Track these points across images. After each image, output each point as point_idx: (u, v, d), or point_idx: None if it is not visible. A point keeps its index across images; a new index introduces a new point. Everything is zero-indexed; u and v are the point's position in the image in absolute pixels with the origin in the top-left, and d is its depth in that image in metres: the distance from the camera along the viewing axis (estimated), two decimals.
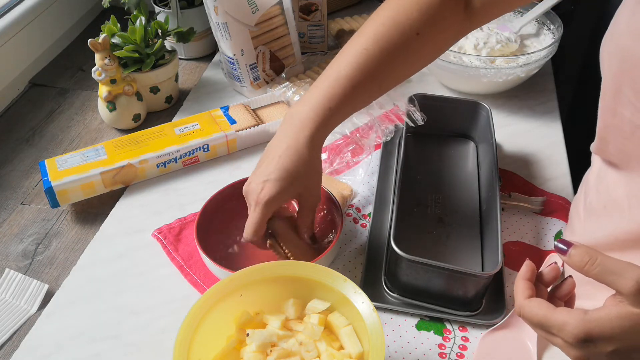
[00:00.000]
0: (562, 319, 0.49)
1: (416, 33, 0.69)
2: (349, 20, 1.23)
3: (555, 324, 0.49)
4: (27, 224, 0.86)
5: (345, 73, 0.69)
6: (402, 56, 0.70)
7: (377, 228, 0.81)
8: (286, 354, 0.60)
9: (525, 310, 0.52)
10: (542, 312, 0.51)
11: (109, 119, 1.00)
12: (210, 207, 0.79)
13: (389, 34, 0.69)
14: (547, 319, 0.50)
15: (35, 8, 1.15)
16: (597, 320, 0.48)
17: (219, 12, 0.97)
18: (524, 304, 0.52)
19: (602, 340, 0.48)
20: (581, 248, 0.50)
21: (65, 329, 0.70)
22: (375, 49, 0.69)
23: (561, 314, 0.49)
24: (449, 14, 0.69)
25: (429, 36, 0.69)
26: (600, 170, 0.69)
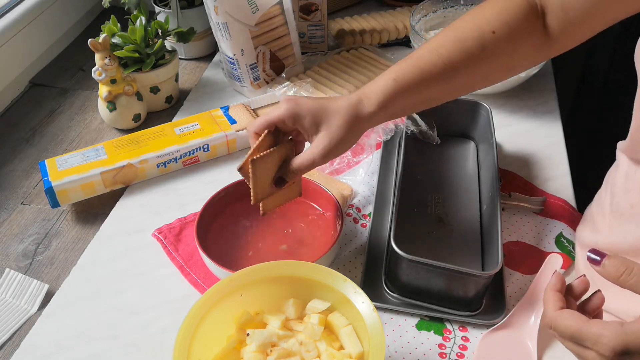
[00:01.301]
0: (597, 331, 0.47)
1: (492, 31, 0.67)
2: (349, 20, 1.23)
3: (590, 337, 0.48)
4: (27, 224, 0.86)
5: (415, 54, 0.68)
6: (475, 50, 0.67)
7: (377, 228, 0.81)
8: (286, 354, 0.60)
9: (558, 322, 0.50)
10: (576, 324, 0.49)
11: (109, 119, 1.00)
12: (211, 207, 0.79)
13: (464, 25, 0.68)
14: (580, 331, 0.48)
15: (36, 8, 1.15)
16: (635, 332, 0.46)
17: (219, 12, 0.97)
18: (555, 315, 0.51)
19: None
20: (616, 258, 0.49)
21: (65, 329, 0.70)
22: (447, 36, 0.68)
23: (596, 325, 0.48)
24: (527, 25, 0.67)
25: (505, 38, 0.67)
26: (629, 170, 0.68)
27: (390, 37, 1.20)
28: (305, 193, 0.82)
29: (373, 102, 0.67)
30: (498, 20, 0.67)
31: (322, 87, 1.03)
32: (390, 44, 1.20)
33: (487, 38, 0.67)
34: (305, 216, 0.81)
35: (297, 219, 0.81)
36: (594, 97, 1.37)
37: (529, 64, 0.72)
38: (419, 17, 1.11)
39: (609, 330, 0.47)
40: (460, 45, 0.67)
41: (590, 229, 0.75)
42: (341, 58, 1.12)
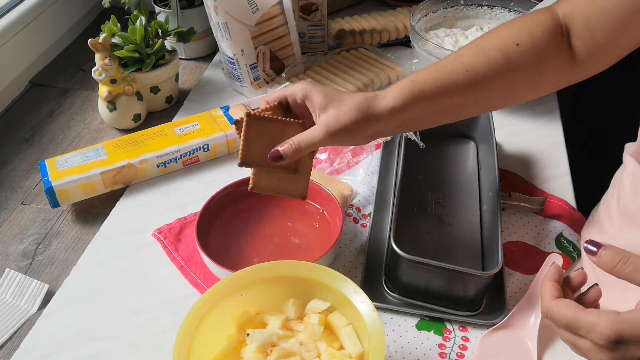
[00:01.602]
0: (592, 320, 0.48)
1: (516, 43, 0.66)
2: (349, 20, 1.23)
3: (584, 325, 0.48)
4: (27, 224, 0.86)
5: (437, 63, 0.68)
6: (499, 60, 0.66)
7: (377, 228, 0.81)
8: (286, 354, 0.60)
9: (554, 311, 0.51)
10: (571, 312, 0.49)
11: (109, 118, 1.00)
12: (211, 207, 0.79)
13: (487, 37, 0.68)
14: (576, 320, 0.49)
15: (36, 8, 1.15)
16: (631, 321, 0.46)
17: (219, 12, 0.97)
18: (551, 304, 0.51)
19: (634, 343, 0.46)
20: (612, 249, 0.49)
21: (65, 328, 0.70)
22: (470, 48, 0.67)
23: (592, 314, 0.48)
24: (552, 42, 0.66)
25: (529, 52, 0.66)
26: (635, 173, 0.68)
27: (390, 37, 1.20)
28: None
29: (388, 99, 0.65)
30: (522, 34, 0.66)
31: None
32: (390, 44, 1.20)
33: (510, 50, 0.66)
34: (305, 216, 0.81)
35: (297, 218, 0.81)
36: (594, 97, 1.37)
37: (553, 85, 0.70)
38: (419, 17, 1.11)
39: (604, 318, 0.47)
40: (483, 55, 0.66)
41: (597, 231, 0.75)
42: (341, 58, 1.12)
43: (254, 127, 0.65)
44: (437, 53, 1.01)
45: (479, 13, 1.17)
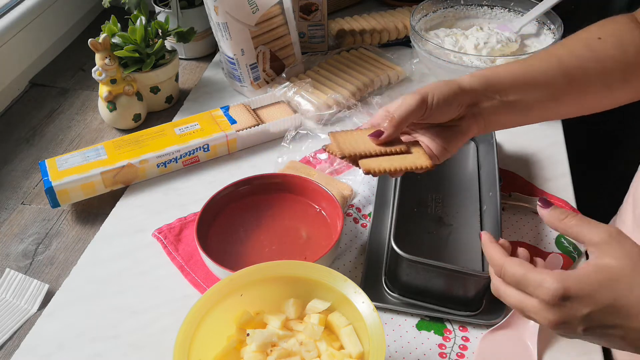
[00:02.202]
0: (541, 277, 0.49)
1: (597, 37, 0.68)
2: (349, 20, 1.23)
3: (533, 282, 0.49)
4: (27, 224, 0.86)
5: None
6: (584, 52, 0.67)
7: (377, 228, 0.81)
8: (286, 353, 0.60)
9: (507, 268, 0.52)
10: (523, 269, 0.50)
11: (109, 118, 1.00)
12: (211, 207, 0.79)
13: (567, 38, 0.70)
14: (526, 277, 0.50)
15: (36, 8, 1.15)
16: (576, 276, 0.48)
17: (219, 12, 0.97)
18: (506, 260, 0.52)
19: (579, 299, 0.47)
20: (560, 208, 0.53)
21: (65, 328, 0.70)
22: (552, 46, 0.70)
23: (541, 272, 0.49)
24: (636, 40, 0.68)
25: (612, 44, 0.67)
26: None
27: (390, 37, 1.20)
28: (306, 193, 0.82)
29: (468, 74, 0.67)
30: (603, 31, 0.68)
31: (322, 87, 1.03)
32: (390, 44, 1.20)
33: (593, 42, 0.68)
34: (305, 216, 0.81)
35: (297, 219, 0.81)
36: None
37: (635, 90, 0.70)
38: (419, 17, 1.11)
39: (551, 275, 0.48)
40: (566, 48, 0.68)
41: None
42: (341, 58, 1.12)
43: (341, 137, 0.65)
44: (437, 53, 1.01)
45: (479, 13, 1.17)
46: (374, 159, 0.62)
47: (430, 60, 1.03)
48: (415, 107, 0.63)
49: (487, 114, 0.67)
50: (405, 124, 0.65)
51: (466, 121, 0.67)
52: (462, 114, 0.67)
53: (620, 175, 1.14)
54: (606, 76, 0.68)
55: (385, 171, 0.59)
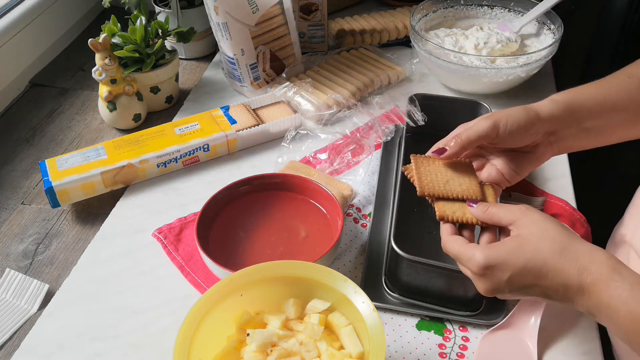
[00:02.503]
0: (471, 251, 0.57)
1: None
2: (349, 20, 1.23)
3: (465, 256, 0.57)
4: (27, 224, 0.86)
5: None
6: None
7: (377, 228, 0.81)
8: (286, 353, 0.60)
9: (447, 246, 0.60)
10: (458, 246, 0.58)
11: (109, 118, 1.00)
12: (211, 207, 0.79)
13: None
14: (460, 252, 0.58)
15: (36, 8, 1.15)
16: (495, 247, 0.56)
17: (219, 12, 0.97)
18: (446, 239, 0.60)
19: (498, 266, 0.55)
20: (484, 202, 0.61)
21: (65, 328, 0.70)
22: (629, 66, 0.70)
23: (470, 248, 0.57)
24: None
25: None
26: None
27: (390, 37, 1.20)
28: (306, 193, 0.82)
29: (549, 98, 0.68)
30: None
31: (322, 87, 1.03)
32: (390, 44, 1.20)
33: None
34: (305, 216, 0.81)
35: (297, 218, 0.81)
36: None
37: None
38: (419, 17, 1.11)
39: (479, 249, 0.56)
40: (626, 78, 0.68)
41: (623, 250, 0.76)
42: (341, 58, 1.12)
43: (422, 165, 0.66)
44: (437, 53, 1.01)
45: (479, 13, 1.17)
46: (449, 203, 0.63)
47: (430, 60, 1.03)
48: (484, 132, 0.65)
49: (563, 140, 0.68)
50: (472, 146, 0.66)
51: (541, 148, 0.68)
52: (537, 142, 0.68)
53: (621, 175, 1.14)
54: None
55: (458, 221, 0.62)
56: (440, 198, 0.64)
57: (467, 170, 0.66)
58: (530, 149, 0.68)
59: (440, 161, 0.66)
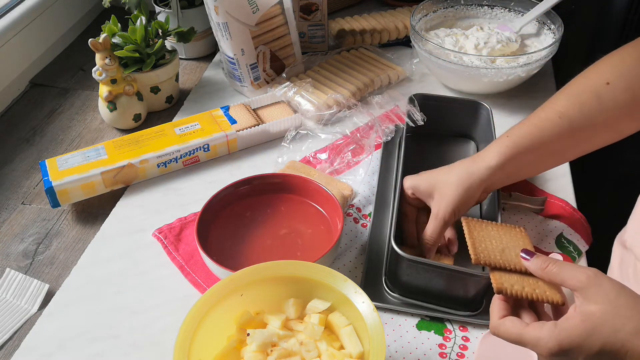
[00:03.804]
0: (535, 335, 0.52)
1: (606, 82, 0.68)
2: (349, 20, 1.23)
3: (529, 341, 0.53)
4: (27, 224, 0.86)
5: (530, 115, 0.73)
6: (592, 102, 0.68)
7: (377, 228, 0.81)
8: (287, 353, 0.60)
9: (500, 329, 0.55)
10: (516, 330, 0.54)
11: (109, 118, 1.00)
12: (211, 207, 0.79)
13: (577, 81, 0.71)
14: (521, 337, 0.53)
15: (36, 8, 1.15)
16: (566, 330, 0.51)
17: (220, 12, 0.97)
18: (498, 323, 0.56)
19: (572, 351, 0.51)
20: (542, 256, 0.56)
21: (65, 328, 0.71)
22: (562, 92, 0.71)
23: (534, 329, 0.53)
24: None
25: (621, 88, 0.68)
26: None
27: (390, 37, 1.20)
28: (306, 193, 0.82)
29: (486, 159, 0.70)
30: (612, 72, 0.68)
31: (323, 87, 1.03)
32: (390, 44, 1.20)
33: (601, 90, 0.68)
34: (306, 216, 0.81)
35: (297, 219, 0.81)
36: None
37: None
38: (420, 17, 1.11)
39: (544, 332, 0.52)
40: (574, 98, 0.69)
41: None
42: (341, 58, 1.12)
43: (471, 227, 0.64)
44: (437, 53, 1.01)
45: (479, 13, 1.17)
46: (506, 275, 0.59)
47: (431, 60, 1.03)
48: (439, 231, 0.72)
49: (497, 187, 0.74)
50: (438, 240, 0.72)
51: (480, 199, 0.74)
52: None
53: (621, 175, 1.14)
54: (614, 123, 0.70)
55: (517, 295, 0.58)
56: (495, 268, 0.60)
57: (522, 238, 0.63)
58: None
59: (493, 227, 0.64)
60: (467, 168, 0.71)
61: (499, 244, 0.62)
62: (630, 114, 0.69)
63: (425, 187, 0.73)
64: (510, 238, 0.62)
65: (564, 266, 0.54)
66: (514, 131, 0.72)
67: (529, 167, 0.74)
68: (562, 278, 0.54)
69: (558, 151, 0.72)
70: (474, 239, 0.62)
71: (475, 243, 0.61)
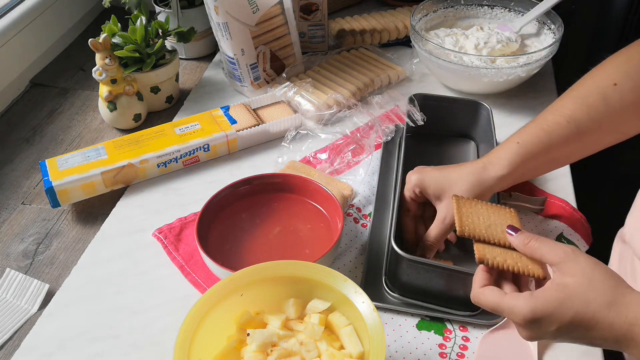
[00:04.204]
0: (511, 303, 0.54)
1: (613, 83, 0.68)
2: (349, 20, 1.23)
3: (505, 309, 0.55)
4: (27, 224, 0.86)
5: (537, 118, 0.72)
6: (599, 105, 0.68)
7: (377, 228, 0.81)
8: (287, 353, 0.60)
9: (480, 298, 0.57)
10: (494, 299, 0.56)
11: (109, 118, 1.00)
12: (211, 207, 0.79)
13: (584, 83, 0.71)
14: (498, 305, 0.55)
15: (36, 8, 1.15)
16: (540, 298, 0.53)
17: (220, 12, 0.97)
18: (478, 292, 0.58)
19: (545, 319, 0.53)
20: (526, 232, 0.58)
21: (65, 328, 0.71)
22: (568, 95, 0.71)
23: (510, 299, 0.55)
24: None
25: (628, 88, 0.68)
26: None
27: (390, 37, 1.20)
28: (306, 193, 0.82)
29: (497, 167, 0.70)
30: (618, 72, 0.68)
31: (323, 87, 1.03)
32: (390, 44, 1.20)
33: (608, 91, 0.68)
34: (306, 216, 0.81)
35: (298, 218, 0.81)
36: None
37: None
38: (420, 17, 1.11)
39: (520, 301, 0.54)
40: (581, 101, 0.69)
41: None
42: (341, 58, 1.12)
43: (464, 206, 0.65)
44: (437, 53, 1.01)
45: (479, 13, 1.17)
46: (490, 247, 0.60)
47: (431, 60, 1.03)
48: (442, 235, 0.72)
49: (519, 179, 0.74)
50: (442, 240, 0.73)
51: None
52: None
53: (621, 175, 1.14)
54: (621, 125, 0.70)
55: (498, 266, 0.59)
56: (479, 240, 0.61)
57: (511, 218, 0.63)
58: None
59: (483, 205, 0.65)
60: (478, 175, 0.71)
61: (486, 220, 0.63)
62: (637, 114, 0.69)
63: (434, 190, 0.72)
64: (499, 216, 0.63)
65: (544, 242, 0.56)
66: (524, 137, 0.71)
67: (535, 171, 0.75)
68: (542, 253, 0.56)
69: (566, 155, 0.73)
70: (461, 214, 0.63)
71: (463, 217, 0.63)
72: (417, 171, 0.74)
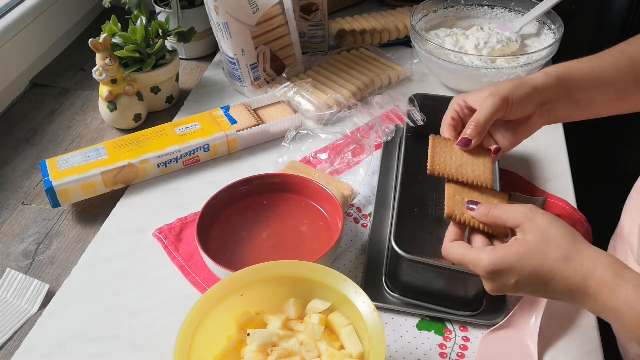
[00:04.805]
0: (475, 256, 0.57)
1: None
2: (349, 20, 1.23)
3: (470, 261, 0.57)
4: (27, 224, 0.86)
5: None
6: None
7: (377, 228, 0.81)
8: (287, 353, 0.60)
9: (449, 252, 0.60)
10: (461, 252, 0.59)
11: (109, 118, 1.00)
12: (211, 207, 0.79)
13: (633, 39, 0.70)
14: (464, 257, 0.58)
15: (36, 8, 1.15)
16: (501, 251, 0.56)
17: (220, 12, 0.97)
18: (447, 246, 0.60)
19: (506, 271, 0.55)
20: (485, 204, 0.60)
21: (65, 328, 0.71)
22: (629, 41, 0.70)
23: (475, 252, 0.57)
24: None
25: None
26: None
27: (390, 37, 1.20)
28: (306, 193, 0.82)
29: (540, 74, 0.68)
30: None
31: (323, 86, 1.03)
32: (390, 44, 1.20)
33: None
34: (306, 216, 0.81)
35: (298, 218, 0.81)
36: None
37: None
38: (420, 17, 1.11)
39: (483, 254, 0.56)
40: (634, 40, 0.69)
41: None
42: (341, 58, 1.12)
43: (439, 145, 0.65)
44: (437, 53, 1.01)
45: (479, 13, 1.17)
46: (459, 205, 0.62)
47: (431, 60, 1.03)
48: (497, 109, 0.65)
49: (555, 111, 0.70)
50: (488, 127, 0.66)
51: (534, 118, 0.69)
52: (531, 112, 0.69)
53: (621, 175, 1.14)
54: None
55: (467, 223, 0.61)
56: (451, 180, 0.63)
57: (483, 156, 0.65)
58: (523, 120, 0.69)
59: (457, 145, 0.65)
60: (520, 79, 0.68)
61: (458, 159, 0.64)
62: None
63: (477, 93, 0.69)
64: (472, 156, 0.64)
65: (504, 208, 0.59)
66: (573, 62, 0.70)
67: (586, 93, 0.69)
68: (504, 219, 0.58)
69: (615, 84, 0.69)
70: (434, 152, 0.64)
71: (435, 156, 0.64)
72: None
